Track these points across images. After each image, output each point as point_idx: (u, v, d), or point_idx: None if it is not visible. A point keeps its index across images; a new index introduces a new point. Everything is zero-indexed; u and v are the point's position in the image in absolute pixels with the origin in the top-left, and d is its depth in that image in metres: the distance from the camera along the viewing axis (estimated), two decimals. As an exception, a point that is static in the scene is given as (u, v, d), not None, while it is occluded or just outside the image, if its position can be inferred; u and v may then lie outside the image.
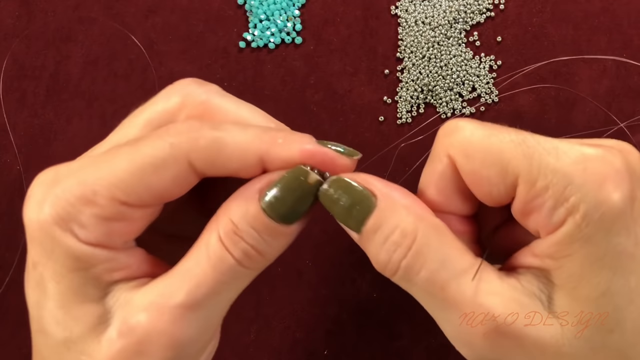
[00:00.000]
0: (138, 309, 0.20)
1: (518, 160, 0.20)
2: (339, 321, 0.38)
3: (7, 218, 0.41)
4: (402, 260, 0.21)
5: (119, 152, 0.21)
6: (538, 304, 0.20)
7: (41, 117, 0.42)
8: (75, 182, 0.21)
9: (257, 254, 0.21)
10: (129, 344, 0.20)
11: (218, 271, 0.21)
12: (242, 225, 0.21)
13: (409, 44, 0.41)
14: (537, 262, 0.21)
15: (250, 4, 0.43)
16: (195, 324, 0.21)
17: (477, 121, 0.21)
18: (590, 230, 0.19)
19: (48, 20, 0.43)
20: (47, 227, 0.20)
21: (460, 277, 0.20)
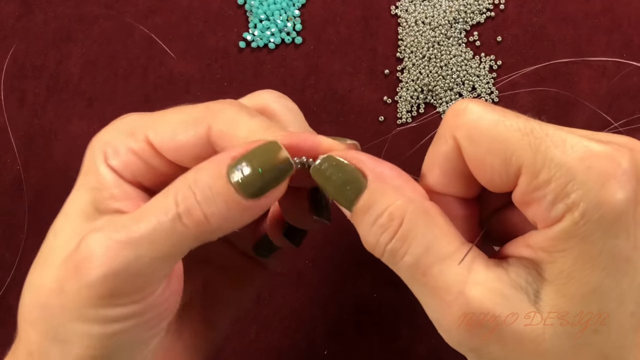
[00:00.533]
0: (93, 230, 0.22)
1: (523, 151, 0.19)
2: (339, 321, 0.38)
3: (7, 218, 0.41)
4: (388, 243, 0.21)
5: (174, 109, 0.25)
6: (523, 297, 0.20)
7: (41, 117, 0.42)
8: (131, 120, 0.24)
9: (202, 215, 0.21)
10: (73, 260, 0.21)
11: (158, 220, 0.21)
12: (200, 182, 0.21)
13: (409, 44, 0.41)
14: (530, 254, 0.21)
15: (250, 4, 0.43)
16: (123, 261, 0.21)
17: (486, 104, 0.21)
18: (588, 229, 0.19)
19: (48, 20, 0.43)
20: (94, 147, 0.24)
21: (444, 263, 0.20)
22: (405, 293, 0.38)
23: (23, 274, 0.23)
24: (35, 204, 0.41)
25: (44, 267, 0.23)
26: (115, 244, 0.21)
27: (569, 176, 0.19)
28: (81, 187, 0.24)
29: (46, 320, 0.22)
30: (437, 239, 0.21)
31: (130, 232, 0.21)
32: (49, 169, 0.41)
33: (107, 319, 0.22)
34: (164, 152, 0.23)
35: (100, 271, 0.21)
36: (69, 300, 0.21)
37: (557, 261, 0.20)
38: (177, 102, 0.42)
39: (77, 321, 0.21)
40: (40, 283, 0.23)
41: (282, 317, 0.38)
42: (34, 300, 0.23)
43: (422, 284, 0.21)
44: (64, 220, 0.24)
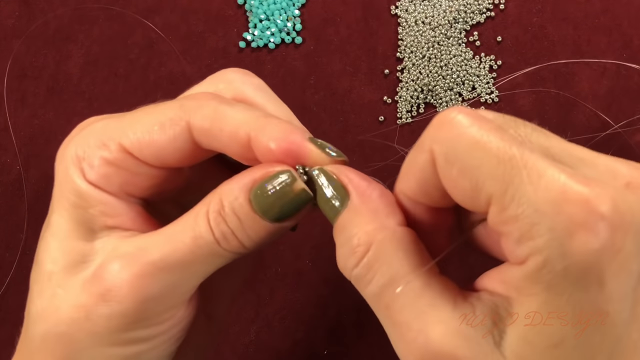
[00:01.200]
0: (115, 256, 0.21)
1: (495, 181, 0.18)
2: (339, 321, 0.38)
3: (7, 218, 0.41)
4: (354, 268, 0.20)
5: (144, 110, 0.23)
6: (488, 340, 0.19)
7: (41, 117, 0.42)
8: (99, 128, 0.23)
9: (236, 241, 0.21)
10: (98, 287, 0.21)
11: (196, 244, 0.21)
12: (227, 209, 0.21)
13: (409, 44, 0.41)
14: (502, 289, 0.19)
15: (250, 4, 0.43)
16: (160, 284, 0.21)
17: (475, 118, 0.19)
18: (552, 278, 0.17)
19: (48, 20, 0.43)
20: (65, 162, 0.23)
21: (406, 299, 0.19)
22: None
23: (23, 274, 0.23)
24: (35, 204, 0.41)
25: (52, 297, 0.22)
26: (150, 268, 0.21)
27: (536, 218, 0.17)
28: (64, 207, 0.23)
29: (67, 347, 0.22)
30: (402, 271, 0.20)
31: (166, 255, 0.21)
32: (49, 169, 0.41)
33: (135, 340, 0.22)
34: (143, 158, 0.22)
35: (136, 298, 0.21)
36: (97, 326, 0.21)
37: (524, 304, 0.18)
38: (177, 102, 0.42)
39: (105, 345, 0.21)
40: (53, 312, 0.22)
41: (282, 317, 0.38)
42: (49, 329, 0.22)
43: (384, 316, 0.20)
44: (55, 243, 0.22)
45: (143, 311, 0.21)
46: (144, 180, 0.23)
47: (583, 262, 0.17)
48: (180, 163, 0.23)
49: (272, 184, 0.21)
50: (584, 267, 0.17)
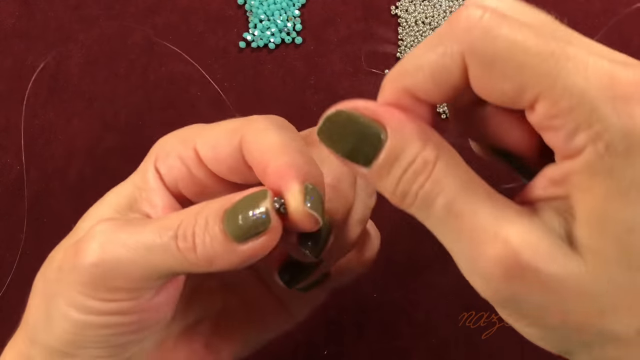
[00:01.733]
0: (104, 221, 0.23)
1: (541, 77, 0.18)
2: (339, 321, 0.38)
3: (7, 218, 0.41)
4: (421, 188, 0.19)
5: (223, 122, 0.25)
6: (558, 241, 0.19)
7: (41, 117, 0.42)
8: (190, 128, 0.25)
9: (192, 243, 0.21)
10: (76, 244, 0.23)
11: (159, 233, 0.22)
12: (203, 212, 0.22)
13: (409, 44, 0.41)
14: (559, 192, 0.19)
15: (250, 4, 0.43)
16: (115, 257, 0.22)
17: (501, 16, 0.18)
18: (613, 161, 0.18)
19: (48, 20, 0.43)
20: (153, 148, 0.25)
21: (478, 205, 0.19)
22: (405, 293, 0.38)
23: (23, 274, 0.24)
24: (35, 204, 0.41)
25: (61, 245, 0.24)
26: (115, 238, 0.22)
27: (591, 106, 0.17)
28: (128, 182, 0.25)
29: (44, 293, 0.24)
30: (469, 181, 0.19)
31: (132, 233, 0.22)
32: (49, 169, 0.41)
33: (87, 309, 0.22)
34: (206, 162, 0.24)
35: (92, 258, 0.22)
36: (62, 278, 0.23)
37: (586, 199, 0.18)
38: (177, 102, 0.42)
39: (65, 302, 0.22)
40: (52, 259, 0.24)
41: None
42: (42, 273, 0.24)
43: (455, 228, 0.19)
44: (99, 206, 0.25)
45: (95, 276, 0.22)
46: (198, 183, 0.25)
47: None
48: (231, 174, 0.24)
49: (247, 198, 0.21)
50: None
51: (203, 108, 0.41)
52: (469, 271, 0.20)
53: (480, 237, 0.19)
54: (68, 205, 0.40)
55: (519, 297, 0.19)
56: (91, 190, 0.41)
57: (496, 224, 0.19)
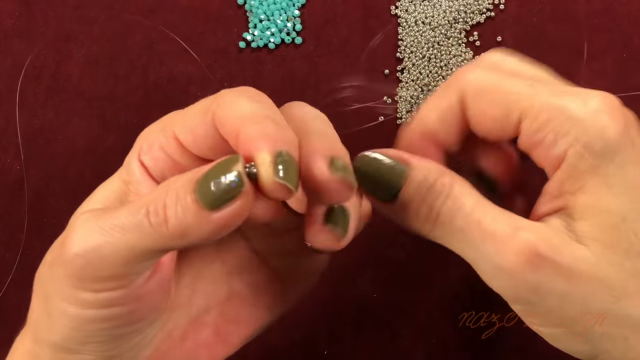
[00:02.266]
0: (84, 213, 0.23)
1: (524, 100, 0.22)
2: (339, 321, 0.38)
3: (7, 218, 0.41)
4: (442, 206, 0.22)
5: (197, 103, 0.25)
6: (566, 236, 0.21)
7: (41, 117, 0.42)
8: (168, 116, 0.26)
9: (163, 216, 0.21)
10: (64, 234, 0.23)
11: (133, 212, 0.21)
12: (174, 185, 0.21)
13: (409, 44, 0.41)
14: (555, 203, 0.22)
15: (250, 4, 0.43)
16: (94, 242, 0.21)
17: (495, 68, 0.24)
18: (594, 160, 0.21)
19: (48, 20, 0.43)
20: (137, 141, 0.26)
21: (495, 214, 0.22)
22: (405, 293, 0.38)
23: (23, 274, 0.24)
24: (35, 204, 0.41)
25: (55, 242, 0.24)
26: (94, 225, 0.22)
27: (566, 114, 0.21)
28: (115, 177, 0.26)
29: (41, 292, 0.24)
30: (482, 200, 0.23)
31: (109, 217, 0.22)
32: (49, 169, 0.41)
33: (81, 302, 0.22)
34: (187, 146, 0.24)
35: (75, 249, 0.22)
36: (54, 274, 0.23)
37: (580, 199, 0.21)
38: (177, 102, 0.42)
39: (60, 298, 0.22)
40: (46, 256, 0.24)
41: (281, 317, 0.38)
42: (38, 271, 0.24)
43: (477, 235, 0.22)
44: (88, 202, 0.25)
45: (79, 265, 0.22)
46: (183, 169, 0.24)
47: (615, 139, 0.21)
48: (212, 153, 0.24)
49: (219, 164, 0.21)
50: (617, 144, 0.21)
51: (203, 108, 0.41)
52: (493, 271, 0.22)
53: (501, 237, 0.21)
54: (68, 205, 0.40)
55: (541, 290, 0.21)
56: (91, 190, 0.40)
57: (514, 226, 0.21)
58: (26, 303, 0.25)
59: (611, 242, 0.21)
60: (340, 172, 0.21)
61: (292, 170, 0.21)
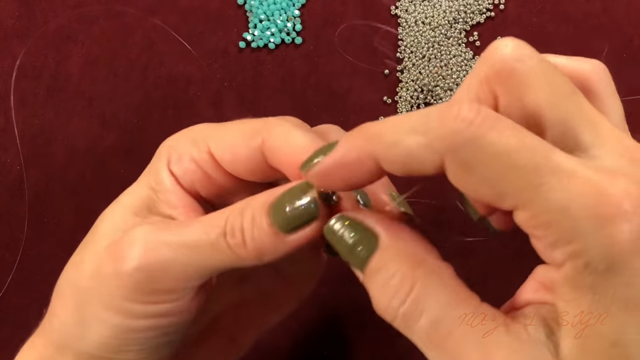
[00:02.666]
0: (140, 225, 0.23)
1: (522, 191, 0.17)
2: (339, 321, 0.38)
3: (8, 218, 0.41)
4: (401, 307, 0.20)
5: (237, 122, 0.25)
6: (547, 355, 0.18)
7: (41, 117, 0.42)
8: (198, 129, 0.25)
9: (241, 238, 0.22)
10: (113, 249, 0.23)
11: (205, 231, 0.22)
12: (249, 208, 0.22)
13: (409, 44, 0.41)
14: (546, 297, 0.19)
15: (250, 4, 0.43)
16: (160, 260, 0.22)
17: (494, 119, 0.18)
18: (594, 279, 0.17)
19: (48, 20, 0.43)
20: (162, 149, 0.25)
21: (463, 326, 0.19)
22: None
23: (23, 274, 0.24)
24: (35, 204, 0.41)
25: (85, 250, 0.24)
26: (158, 241, 0.22)
27: (571, 223, 0.17)
28: (141, 184, 0.25)
29: (76, 300, 0.23)
30: (452, 302, 0.19)
31: (176, 234, 0.22)
32: (49, 169, 0.41)
33: (130, 313, 0.22)
34: (223, 163, 0.24)
35: (136, 262, 0.22)
36: (102, 284, 0.23)
37: (570, 311, 0.18)
38: (177, 102, 0.42)
39: (104, 308, 0.23)
40: (80, 264, 0.24)
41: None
42: (70, 279, 0.24)
43: (440, 350, 0.19)
44: (115, 209, 0.25)
45: (140, 280, 0.22)
46: (215, 184, 0.25)
47: (622, 256, 0.17)
48: (250, 175, 0.24)
49: (291, 190, 0.22)
50: (623, 261, 0.17)
51: (202, 108, 0.41)
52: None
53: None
54: (68, 205, 0.40)
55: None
56: (91, 190, 0.41)
57: (482, 350, 0.18)
58: (26, 303, 0.25)
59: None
60: (402, 207, 0.23)
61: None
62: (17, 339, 0.39)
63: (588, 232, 0.17)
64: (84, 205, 0.40)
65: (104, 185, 0.40)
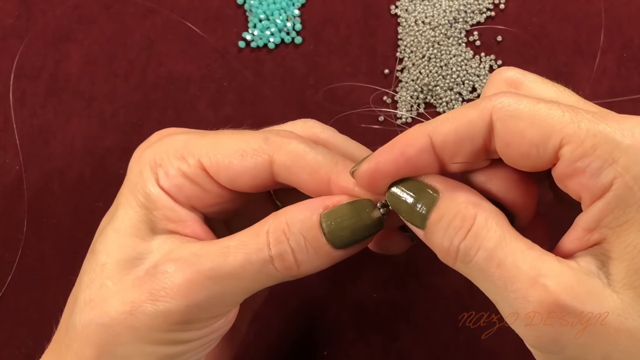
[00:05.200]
0: (171, 259, 0.22)
1: (566, 124, 0.20)
2: (339, 321, 0.38)
3: (7, 218, 0.40)
4: (462, 241, 0.21)
5: (226, 132, 0.25)
6: (597, 282, 0.19)
7: (40, 117, 0.42)
8: (181, 141, 0.24)
9: (293, 261, 0.22)
10: (149, 285, 0.22)
11: (248, 259, 0.22)
12: (293, 228, 0.22)
13: (408, 44, 0.41)
14: (593, 237, 0.20)
15: (249, 4, 0.43)
16: (207, 293, 0.22)
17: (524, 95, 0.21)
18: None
19: (48, 20, 0.43)
20: (141, 165, 0.24)
21: (517, 255, 0.20)
22: (405, 293, 0.38)
23: (23, 275, 0.24)
24: (35, 204, 0.41)
25: (100, 288, 0.23)
26: (201, 277, 0.22)
27: (614, 143, 0.19)
28: (127, 205, 0.24)
29: (106, 339, 0.22)
30: (507, 235, 0.21)
31: (217, 266, 0.22)
32: (48, 169, 0.41)
33: (176, 341, 0.23)
34: (219, 179, 0.24)
35: (183, 302, 0.22)
36: (139, 322, 0.22)
37: (620, 236, 0.19)
38: (176, 102, 0.42)
39: (145, 342, 0.22)
40: (100, 302, 0.23)
41: (282, 317, 0.38)
42: (95, 318, 0.23)
43: (496, 278, 0.20)
44: (115, 237, 0.24)
45: (187, 315, 0.22)
46: (211, 198, 0.25)
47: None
48: (251, 189, 0.24)
49: (350, 209, 0.22)
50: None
51: (202, 108, 0.41)
52: (512, 317, 0.20)
53: (521, 284, 0.20)
54: (68, 205, 0.40)
55: (562, 340, 0.19)
56: (91, 190, 0.41)
57: (535, 272, 0.20)
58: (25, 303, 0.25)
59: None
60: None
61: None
62: (16, 339, 0.39)
63: (631, 147, 0.19)
64: (83, 205, 0.40)
65: (103, 186, 0.40)
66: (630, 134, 0.19)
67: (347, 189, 0.23)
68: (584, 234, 0.21)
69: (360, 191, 0.23)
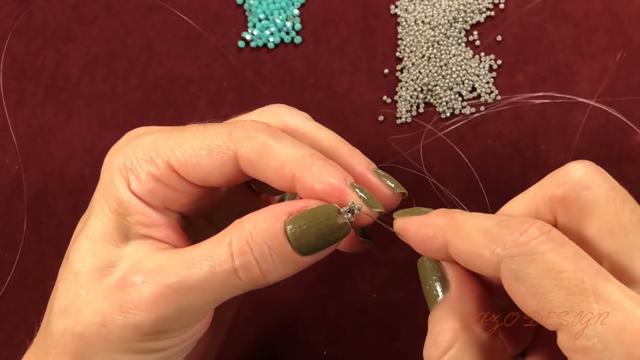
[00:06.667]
0: (138, 271, 0.22)
1: (564, 311, 0.18)
2: (339, 321, 0.38)
3: (7, 218, 0.40)
4: (440, 358, 0.21)
5: (193, 130, 0.24)
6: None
7: (40, 116, 0.42)
8: (149, 142, 0.24)
9: (258, 271, 0.22)
10: (118, 297, 0.22)
11: (212, 271, 0.21)
12: (257, 237, 0.21)
13: (408, 44, 0.41)
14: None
15: (249, 4, 0.43)
16: (174, 306, 0.22)
17: (557, 240, 0.19)
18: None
19: (48, 20, 0.43)
20: (112, 170, 0.24)
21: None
22: (405, 293, 0.38)
23: (22, 274, 0.23)
24: (34, 204, 0.41)
25: (74, 296, 0.23)
26: (167, 290, 0.21)
27: (607, 354, 0.18)
28: (104, 212, 0.24)
29: (82, 348, 0.23)
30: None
31: (182, 279, 0.21)
32: (48, 169, 0.41)
33: (150, 350, 0.22)
34: (190, 178, 0.24)
35: (151, 316, 0.21)
36: (111, 333, 0.22)
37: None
38: (176, 102, 0.42)
39: (119, 352, 0.22)
40: (74, 311, 0.23)
41: (281, 317, 0.38)
42: (69, 327, 0.23)
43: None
44: (88, 245, 0.24)
45: (157, 327, 0.22)
46: (185, 197, 0.24)
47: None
48: (223, 184, 0.24)
49: (314, 215, 0.22)
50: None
51: (202, 108, 0.41)
52: None
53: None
54: (67, 205, 0.40)
55: None
56: (90, 190, 0.40)
57: None
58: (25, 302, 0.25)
59: None
60: (399, 189, 0.25)
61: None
62: (16, 339, 0.39)
63: (615, 353, 0.17)
64: (82, 205, 0.40)
65: (103, 185, 0.40)
66: (627, 354, 0.18)
67: (311, 188, 0.22)
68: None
69: (322, 192, 0.22)
